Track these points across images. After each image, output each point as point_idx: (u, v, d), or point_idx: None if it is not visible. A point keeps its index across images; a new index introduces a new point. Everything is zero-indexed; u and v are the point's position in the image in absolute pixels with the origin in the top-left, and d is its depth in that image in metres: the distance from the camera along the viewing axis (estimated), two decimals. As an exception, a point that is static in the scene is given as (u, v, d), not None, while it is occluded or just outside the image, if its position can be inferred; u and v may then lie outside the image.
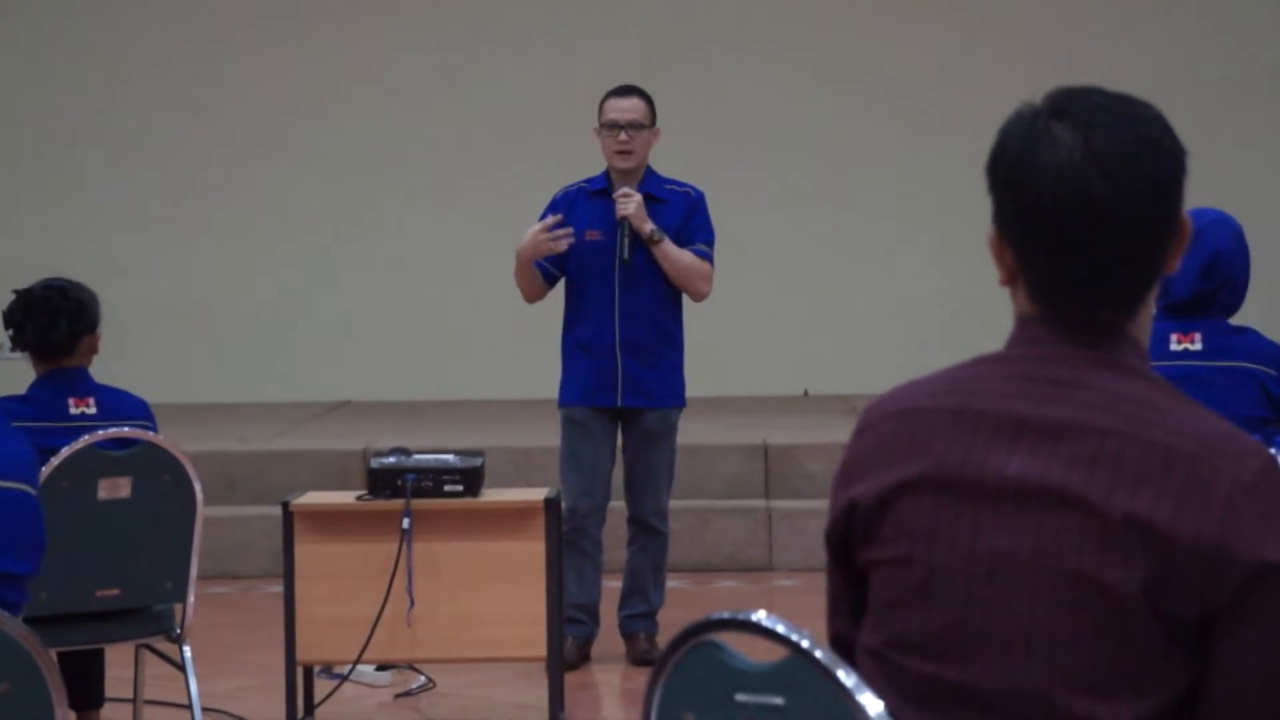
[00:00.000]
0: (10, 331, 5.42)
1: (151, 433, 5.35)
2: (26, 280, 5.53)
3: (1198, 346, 4.68)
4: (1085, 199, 2.16)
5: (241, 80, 11.75)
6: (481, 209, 11.53)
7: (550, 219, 6.71)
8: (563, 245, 6.70)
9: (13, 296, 5.46)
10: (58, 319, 5.35)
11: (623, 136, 6.81)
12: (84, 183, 11.71)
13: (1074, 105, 2.20)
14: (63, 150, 11.73)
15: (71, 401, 5.36)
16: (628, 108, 6.84)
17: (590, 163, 7.02)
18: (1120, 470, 2.12)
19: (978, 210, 2.31)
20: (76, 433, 5.25)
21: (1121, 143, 2.17)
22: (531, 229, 6.73)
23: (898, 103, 11.62)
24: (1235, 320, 4.77)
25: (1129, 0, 11.63)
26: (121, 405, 5.43)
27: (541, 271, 6.89)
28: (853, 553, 2.29)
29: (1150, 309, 2.26)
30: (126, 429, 5.30)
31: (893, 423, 2.27)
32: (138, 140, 11.71)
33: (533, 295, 6.96)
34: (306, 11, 11.78)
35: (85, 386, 5.40)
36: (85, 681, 5.41)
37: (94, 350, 5.45)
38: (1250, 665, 2.11)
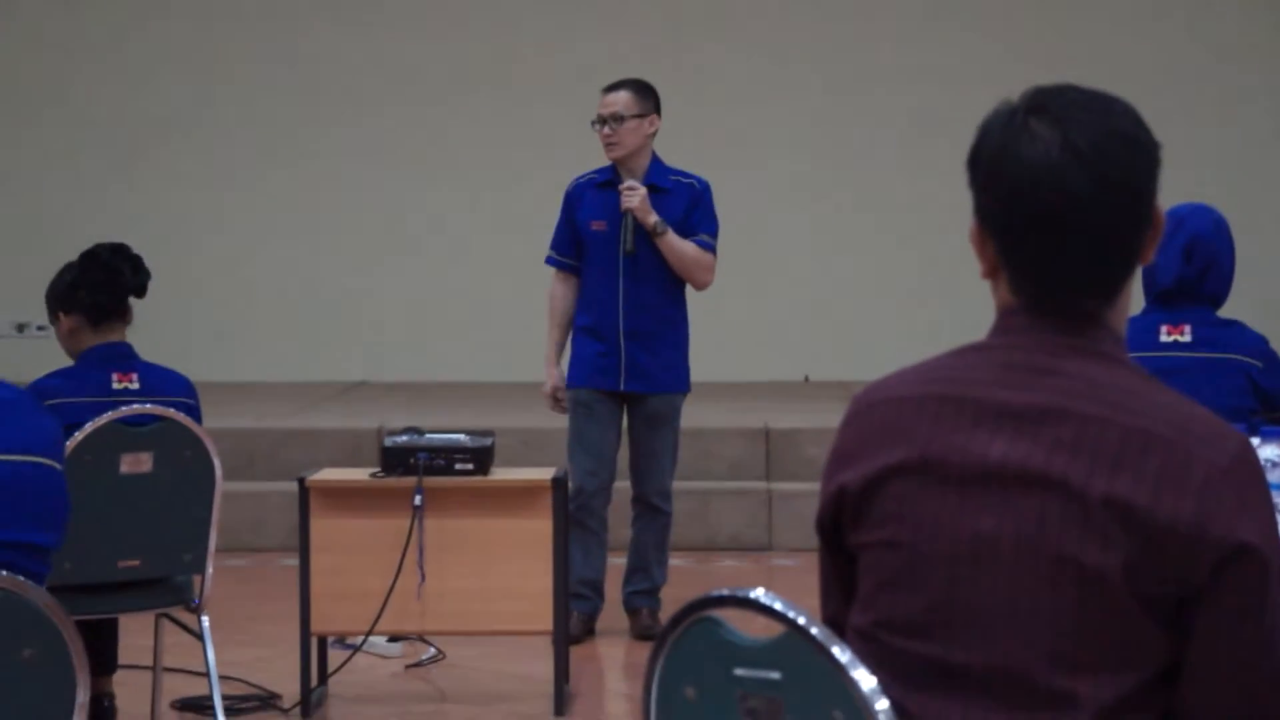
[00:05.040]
0: (66, 292, 5.41)
1: (176, 410, 5.34)
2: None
3: (1187, 338, 4.71)
4: (1063, 192, 2.20)
5: (260, 69, 11.82)
6: (496, 195, 11.59)
7: (556, 400, 6.99)
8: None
9: (61, 268, 5.47)
10: (119, 274, 5.37)
11: (606, 130, 6.87)
12: (112, 168, 11.79)
13: (1051, 101, 2.24)
14: (90, 134, 11.81)
15: (115, 376, 5.37)
16: (610, 101, 6.89)
17: (599, 153, 7.12)
18: (1099, 454, 2.16)
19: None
20: (117, 407, 5.26)
21: (1098, 137, 2.21)
22: (545, 389, 7.02)
23: (899, 95, 11.67)
24: (1224, 314, 4.86)
25: (1120, 7, 11.73)
26: (164, 382, 5.45)
27: (564, 267, 6.98)
28: (843, 537, 2.33)
29: (1128, 299, 2.29)
30: (149, 405, 5.30)
31: (880, 411, 2.31)
32: (162, 127, 11.78)
33: (573, 303, 7.02)
34: (325, 3, 11.86)
35: (129, 362, 5.42)
36: (99, 648, 5.40)
37: (130, 320, 5.47)
38: (1226, 642, 2.15)
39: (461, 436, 5.96)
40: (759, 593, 2.22)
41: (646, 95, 6.93)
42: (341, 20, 11.86)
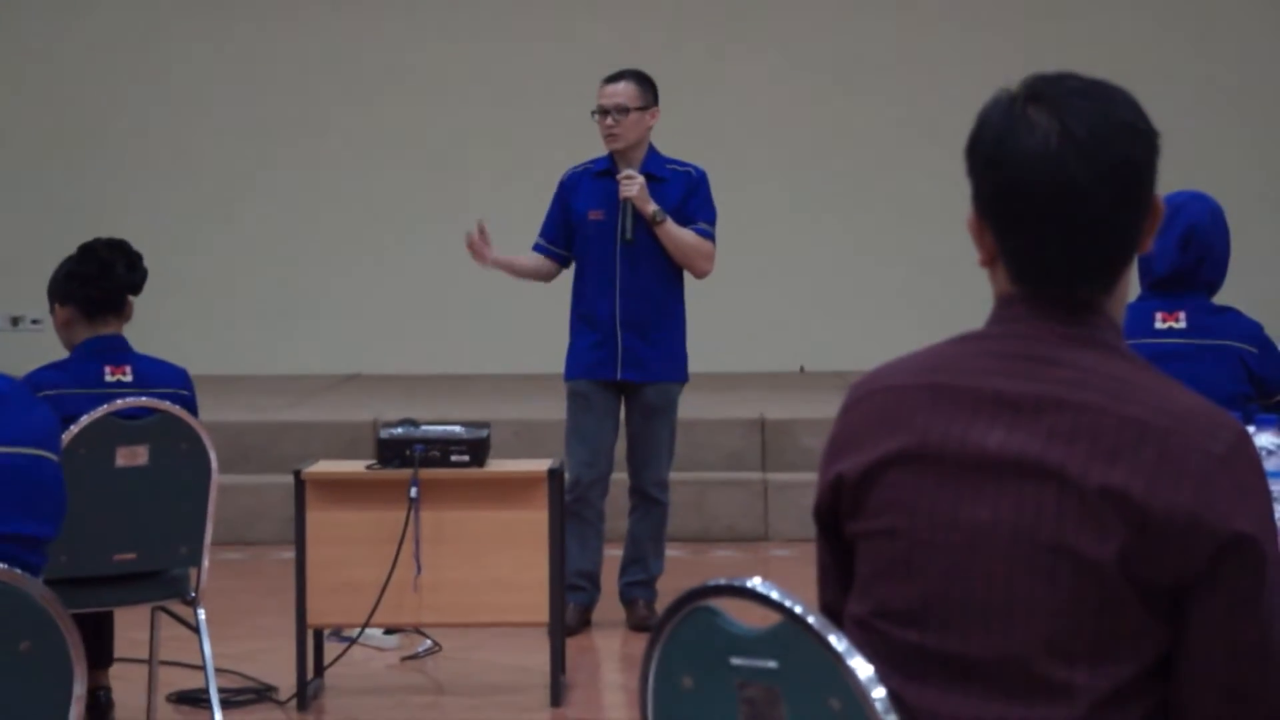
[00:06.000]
0: (62, 283, 5.42)
1: (171, 401, 5.34)
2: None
3: (1182, 325, 4.72)
4: (1062, 180, 2.20)
5: (255, 61, 11.83)
6: (490, 187, 11.60)
7: (476, 230, 6.87)
8: (485, 257, 6.89)
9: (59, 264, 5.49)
10: (112, 269, 5.39)
11: (609, 121, 6.90)
12: (103, 161, 11.80)
13: (1050, 90, 2.23)
14: (84, 129, 11.82)
15: (108, 369, 5.38)
16: (613, 92, 6.92)
17: (596, 144, 7.13)
18: (1096, 444, 2.15)
19: (969, 194, 2.37)
20: (110, 399, 5.26)
21: (1096, 125, 2.20)
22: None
23: (896, 88, 11.70)
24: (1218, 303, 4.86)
25: (1120, 5, 11.78)
26: (158, 373, 5.46)
27: (549, 254, 7.03)
28: (840, 526, 2.33)
29: (1126, 288, 2.29)
30: (144, 399, 5.30)
31: (877, 400, 2.31)
32: (156, 120, 11.80)
33: (540, 279, 7.11)
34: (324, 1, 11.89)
35: (123, 355, 5.43)
36: (95, 641, 5.46)
37: (129, 316, 5.49)
38: (1222, 631, 2.15)
39: (457, 428, 5.97)
40: (755, 582, 2.22)
41: (647, 87, 6.97)
42: (338, 15, 11.85)
